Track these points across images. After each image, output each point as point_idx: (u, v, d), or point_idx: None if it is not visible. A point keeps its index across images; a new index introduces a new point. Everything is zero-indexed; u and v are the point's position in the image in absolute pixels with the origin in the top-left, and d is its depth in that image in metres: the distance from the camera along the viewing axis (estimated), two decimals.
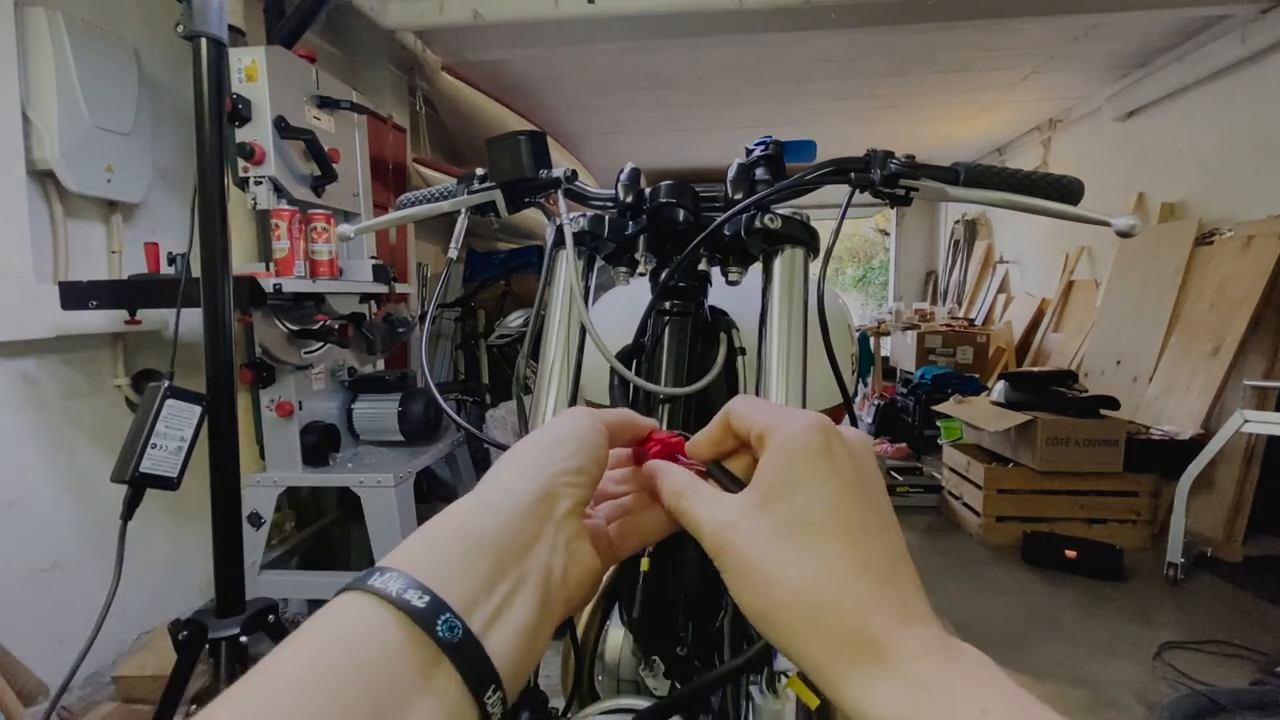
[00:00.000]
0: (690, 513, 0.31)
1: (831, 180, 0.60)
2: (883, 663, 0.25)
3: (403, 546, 0.27)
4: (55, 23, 1.56)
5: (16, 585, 1.59)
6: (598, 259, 0.68)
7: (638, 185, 0.67)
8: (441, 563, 0.26)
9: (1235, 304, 2.85)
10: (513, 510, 0.29)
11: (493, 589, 0.26)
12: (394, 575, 0.25)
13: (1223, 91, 3.31)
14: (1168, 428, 2.96)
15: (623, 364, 0.63)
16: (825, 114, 4.80)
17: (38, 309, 1.55)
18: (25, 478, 1.61)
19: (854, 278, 12.52)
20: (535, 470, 0.31)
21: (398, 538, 1.83)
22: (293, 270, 1.79)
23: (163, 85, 1.93)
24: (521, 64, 3.61)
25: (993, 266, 5.92)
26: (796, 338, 0.59)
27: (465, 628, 0.25)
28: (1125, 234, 0.56)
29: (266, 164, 1.74)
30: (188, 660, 1.13)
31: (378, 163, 2.65)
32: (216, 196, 1.11)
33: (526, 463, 0.31)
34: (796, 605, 0.26)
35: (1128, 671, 1.90)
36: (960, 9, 2.82)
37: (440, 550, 0.27)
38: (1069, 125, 4.83)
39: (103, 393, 1.80)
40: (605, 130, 5.10)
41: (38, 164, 1.57)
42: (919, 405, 4.30)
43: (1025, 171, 0.59)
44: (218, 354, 1.13)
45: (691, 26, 2.89)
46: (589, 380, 0.71)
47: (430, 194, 0.75)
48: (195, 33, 1.07)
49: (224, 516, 1.17)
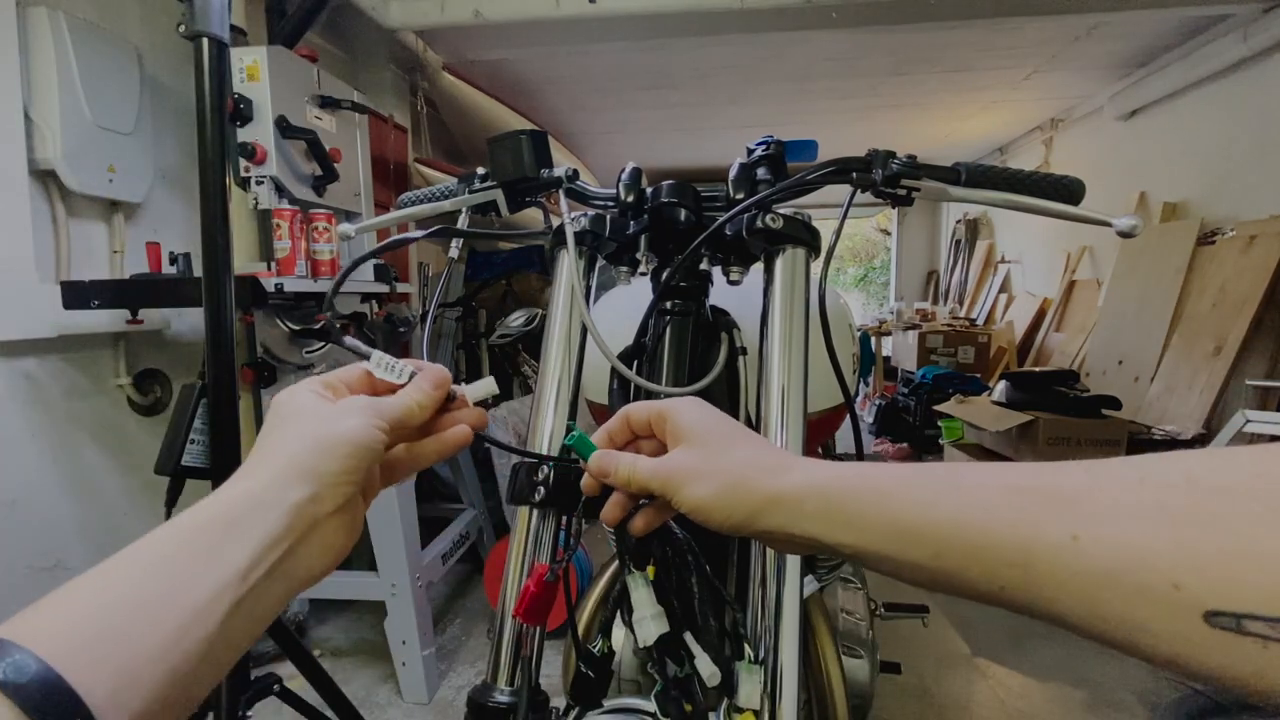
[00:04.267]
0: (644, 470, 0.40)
1: (833, 180, 0.60)
2: (789, 469, 0.36)
3: (155, 533, 0.31)
4: (57, 23, 1.56)
5: (18, 584, 1.59)
6: (599, 258, 0.68)
7: (639, 185, 0.66)
8: (192, 552, 0.30)
9: (1237, 304, 2.85)
10: (278, 506, 0.32)
11: (245, 577, 0.30)
12: None
13: (1225, 91, 3.30)
14: (1169, 428, 2.96)
15: (624, 364, 0.63)
16: (826, 114, 4.80)
17: (40, 308, 1.55)
18: (27, 477, 1.62)
19: (855, 277, 12.51)
20: (307, 472, 0.34)
21: (399, 537, 1.84)
22: (294, 270, 1.79)
23: (164, 85, 1.93)
24: (522, 63, 3.61)
25: (994, 266, 5.91)
26: (798, 338, 0.59)
27: None
28: (1126, 234, 0.56)
29: (268, 164, 1.74)
30: None
31: (379, 162, 2.66)
32: (218, 196, 1.11)
33: (300, 463, 0.35)
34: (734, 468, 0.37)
35: (1129, 671, 1.89)
36: (961, 8, 2.82)
37: (197, 535, 0.30)
38: (1071, 125, 4.82)
39: (104, 392, 1.80)
40: (606, 130, 5.09)
41: (40, 164, 1.57)
42: (920, 405, 4.30)
43: (1026, 171, 0.59)
44: (219, 354, 1.13)
45: (692, 26, 2.89)
46: (590, 380, 0.71)
47: (431, 193, 0.75)
48: (197, 33, 1.07)
49: None
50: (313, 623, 2.19)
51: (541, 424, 0.60)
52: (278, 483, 0.33)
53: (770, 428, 0.56)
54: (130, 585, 0.28)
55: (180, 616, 0.27)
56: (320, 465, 0.34)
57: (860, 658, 0.90)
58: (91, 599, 0.27)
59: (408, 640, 1.83)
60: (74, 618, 0.26)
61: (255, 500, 0.32)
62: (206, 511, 0.31)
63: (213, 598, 0.28)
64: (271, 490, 0.32)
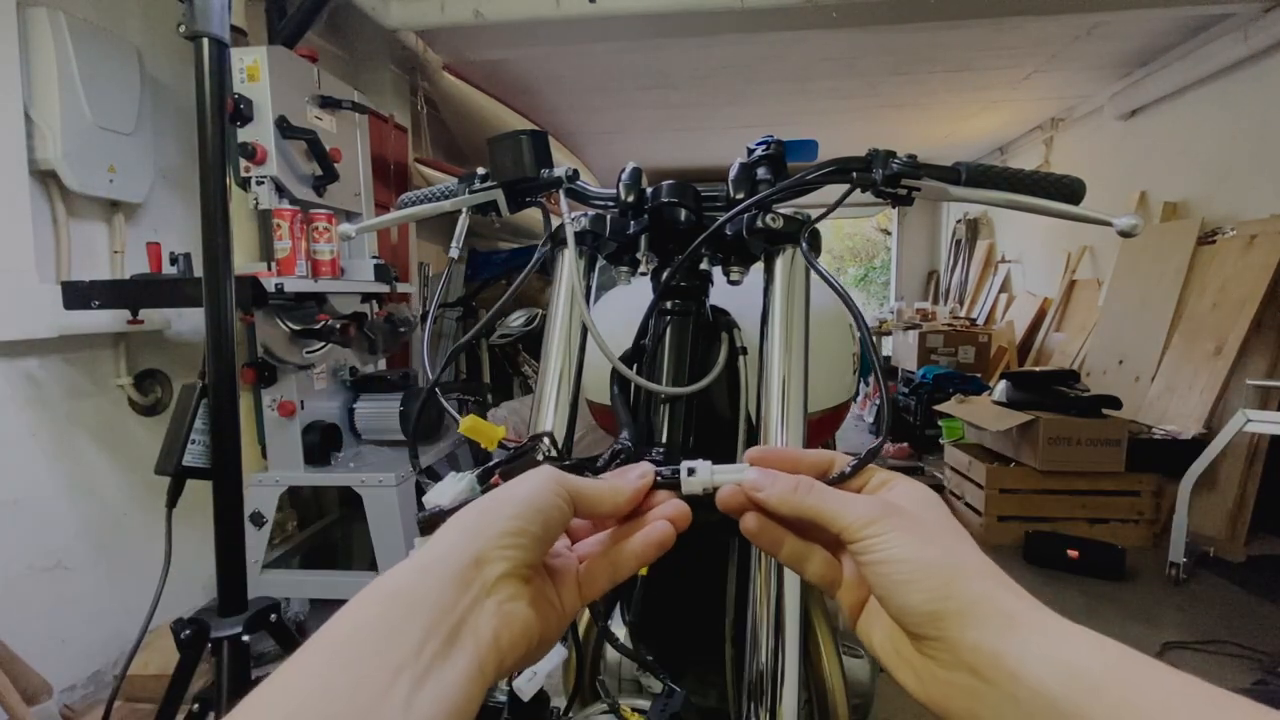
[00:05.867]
0: (826, 502, 0.35)
1: (833, 180, 0.60)
2: (1017, 626, 0.29)
3: (339, 616, 0.28)
4: (58, 23, 1.56)
5: (18, 584, 1.59)
6: (599, 258, 0.68)
7: (639, 185, 0.66)
8: (371, 633, 0.27)
9: (1238, 303, 2.85)
10: (442, 574, 0.30)
11: (420, 652, 0.27)
12: None
13: (1225, 90, 3.30)
14: (1170, 427, 2.96)
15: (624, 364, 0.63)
16: (827, 113, 4.79)
17: (40, 309, 1.55)
18: (28, 477, 1.62)
19: (856, 277, 12.50)
20: (470, 534, 0.32)
21: (399, 537, 1.84)
22: (294, 270, 1.79)
23: (165, 85, 1.93)
24: (523, 63, 3.62)
25: (994, 266, 5.91)
26: (798, 337, 0.59)
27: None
28: (1127, 234, 0.56)
29: (268, 164, 1.74)
30: (190, 659, 1.13)
31: (379, 162, 2.66)
32: (218, 196, 1.11)
33: (465, 525, 0.32)
34: (935, 567, 0.31)
35: None
36: (962, 8, 2.82)
37: (373, 615, 0.28)
38: (1071, 124, 4.82)
39: (105, 392, 1.80)
40: (606, 130, 5.09)
41: (40, 164, 1.57)
42: (921, 405, 4.30)
43: (1027, 171, 0.59)
44: (220, 354, 1.13)
45: (693, 26, 2.89)
46: (590, 380, 0.71)
47: (431, 193, 0.75)
48: (197, 33, 1.07)
49: (226, 516, 1.17)
50: (313, 623, 2.18)
51: (542, 424, 0.60)
52: (444, 548, 0.31)
53: (770, 428, 0.56)
54: (314, 682, 0.26)
55: (365, 707, 0.26)
56: (484, 524, 0.32)
57: (861, 657, 0.90)
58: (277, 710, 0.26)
59: None
60: None
61: (422, 569, 0.30)
62: (383, 587, 0.30)
63: (391, 679, 0.26)
64: (439, 558, 0.31)
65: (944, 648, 0.30)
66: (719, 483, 0.38)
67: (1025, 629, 0.28)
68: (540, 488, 0.34)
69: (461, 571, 0.30)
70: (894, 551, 0.32)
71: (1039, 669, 0.27)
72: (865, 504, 0.34)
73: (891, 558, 0.32)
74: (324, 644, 0.27)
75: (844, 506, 0.34)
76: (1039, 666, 0.27)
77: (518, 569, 0.32)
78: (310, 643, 0.27)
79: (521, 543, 0.32)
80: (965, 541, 0.33)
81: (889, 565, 0.32)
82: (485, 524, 0.32)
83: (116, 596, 1.82)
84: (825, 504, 0.35)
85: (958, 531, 0.34)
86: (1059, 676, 0.26)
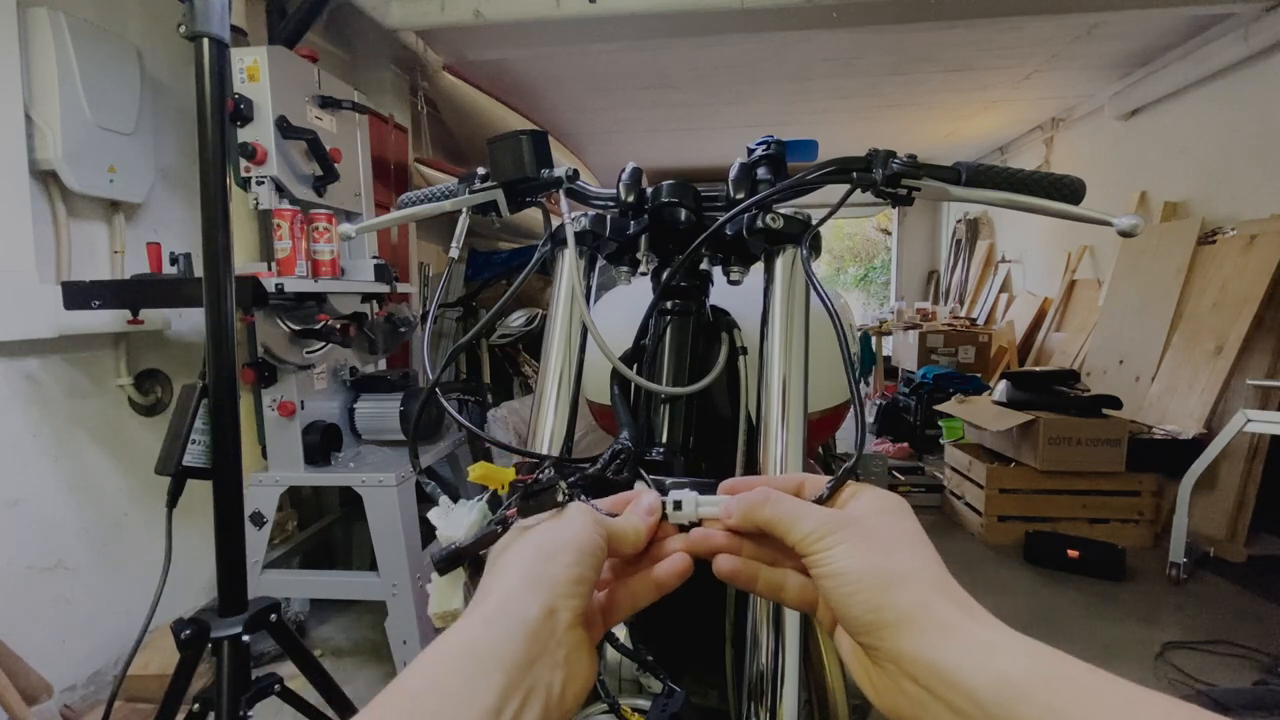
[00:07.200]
0: (781, 514, 0.35)
1: (833, 180, 0.60)
2: (951, 635, 0.29)
3: (410, 669, 0.28)
4: (58, 23, 1.56)
5: (19, 584, 1.59)
6: (599, 258, 0.68)
7: (639, 185, 0.66)
8: (446, 691, 0.27)
9: (1238, 303, 2.84)
10: (518, 629, 0.29)
11: (502, 709, 0.27)
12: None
13: (1225, 90, 3.30)
14: (1170, 427, 2.96)
15: (624, 364, 0.63)
16: (827, 113, 4.79)
17: (40, 309, 1.55)
18: (28, 477, 1.62)
19: (856, 277, 12.49)
20: (533, 582, 0.31)
21: (400, 537, 1.84)
22: (295, 270, 1.79)
23: (165, 85, 1.93)
24: (523, 63, 3.61)
25: (995, 266, 5.91)
26: (798, 337, 0.58)
27: None
28: (1127, 234, 0.56)
29: (268, 164, 1.74)
30: (190, 659, 1.13)
31: (379, 162, 2.66)
32: (218, 196, 1.11)
33: (525, 573, 0.32)
34: (874, 577, 0.31)
35: (1130, 671, 1.89)
36: (962, 8, 2.81)
37: (447, 672, 0.27)
38: (1071, 124, 4.82)
39: (105, 392, 1.80)
40: (607, 130, 5.09)
41: (40, 164, 1.57)
42: (921, 405, 4.30)
43: (1027, 171, 0.59)
44: (220, 354, 1.13)
45: (693, 26, 2.88)
46: (590, 380, 0.71)
47: (432, 193, 0.75)
48: (197, 33, 1.07)
49: (226, 516, 1.17)
50: (313, 623, 2.19)
51: (542, 424, 0.60)
52: (504, 597, 0.30)
53: (770, 428, 0.56)
54: None
55: None
56: (547, 572, 0.31)
57: None
58: None
59: (408, 640, 1.83)
60: None
61: (487, 621, 0.29)
62: (453, 643, 0.29)
63: None
64: (503, 609, 0.30)
65: (888, 658, 0.30)
66: (702, 515, 0.39)
67: (960, 638, 0.29)
68: (588, 531, 0.34)
69: (535, 624, 0.30)
70: (838, 564, 0.32)
71: (972, 678, 0.27)
72: (818, 517, 0.34)
73: (836, 570, 0.32)
74: (400, 697, 0.27)
75: (798, 520, 0.34)
76: (972, 676, 0.27)
77: (578, 617, 0.32)
78: (386, 694, 0.27)
79: (582, 590, 0.32)
80: (918, 549, 0.33)
81: (835, 579, 0.32)
82: (550, 572, 0.32)
83: (116, 596, 1.82)
84: (781, 516, 0.35)
85: (914, 539, 0.34)
86: (991, 685, 0.27)
